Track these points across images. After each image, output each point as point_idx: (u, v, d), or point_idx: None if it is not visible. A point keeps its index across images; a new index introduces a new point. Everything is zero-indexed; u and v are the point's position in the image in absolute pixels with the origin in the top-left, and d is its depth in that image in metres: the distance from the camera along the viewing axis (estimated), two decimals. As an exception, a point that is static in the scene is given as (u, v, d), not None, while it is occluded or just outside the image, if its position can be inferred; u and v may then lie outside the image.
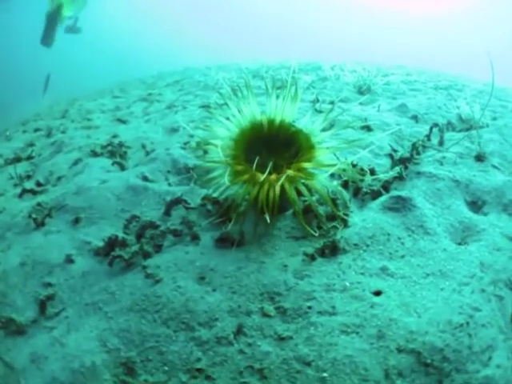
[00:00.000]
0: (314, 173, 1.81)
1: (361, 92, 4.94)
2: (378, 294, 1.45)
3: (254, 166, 1.67)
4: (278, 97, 2.05)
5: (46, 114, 6.77)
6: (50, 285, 1.78)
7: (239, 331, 1.38)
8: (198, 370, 1.29)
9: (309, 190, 1.83)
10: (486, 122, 3.64)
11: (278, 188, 1.68)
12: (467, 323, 1.27)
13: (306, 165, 1.76)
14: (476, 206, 2.19)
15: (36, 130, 5.37)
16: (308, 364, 1.25)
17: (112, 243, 1.90)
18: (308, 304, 1.43)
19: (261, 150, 2.05)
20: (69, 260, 1.90)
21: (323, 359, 1.24)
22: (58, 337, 1.49)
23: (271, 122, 2.03)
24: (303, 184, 1.80)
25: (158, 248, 1.86)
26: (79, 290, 1.72)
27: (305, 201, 1.94)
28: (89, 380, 1.28)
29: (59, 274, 1.84)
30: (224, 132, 2.03)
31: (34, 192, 2.85)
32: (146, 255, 1.81)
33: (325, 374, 1.19)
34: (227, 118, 2.09)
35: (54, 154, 3.89)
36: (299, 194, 1.84)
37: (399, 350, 1.21)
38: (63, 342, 1.46)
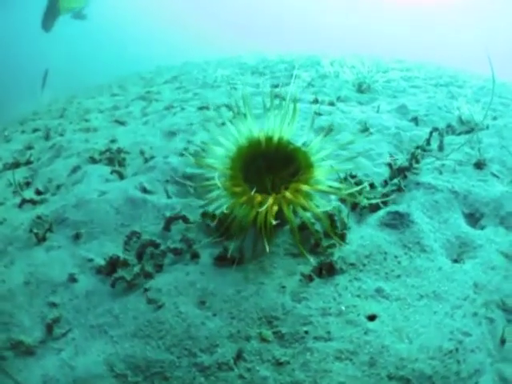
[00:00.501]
0: (312, 194, 1.83)
1: (361, 91, 4.92)
2: (372, 318, 1.48)
3: (253, 191, 1.69)
4: (275, 114, 2.05)
5: (44, 113, 6.76)
6: (54, 305, 1.82)
7: (239, 356, 1.42)
8: (200, 395, 1.34)
9: (305, 209, 1.85)
10: (486, 122, 3.64)
11: (274, 211, 1.70)
12: (457, 349, 1.31)
13: (304, 187, 1.78)
14: (474, 218, 2.22)
15: (34, 131, 5.38)
16: (305, 390, 1.29)
17: (114, 263, 1.93)
18: (305, 329, 1.47)
19: (259, 167, 2.07)
20: (72, 279, 1.94)
21: (319, 386, 1.29)
22: (66, 359, 1.54)
23: (269, 140, 2.04)
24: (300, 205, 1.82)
25: (159, 268, 1.90)
26: (84, 311, 1.76)
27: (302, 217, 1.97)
28: (97, 406, 1.33)
29: (63, 293, 1.88)
30: (221, 150, 2.05)
31: (33, 202, 2.88)
32: (148, 275, 1.85)
33: (320, 403, 1.24)
34: (224, 134, 2.10)
35: (52, 158, 3.91)
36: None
37: (390, 378, 1.26)
38: (72, 364, 1.50)
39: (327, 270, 1.74)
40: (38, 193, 3.08)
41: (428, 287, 1.63)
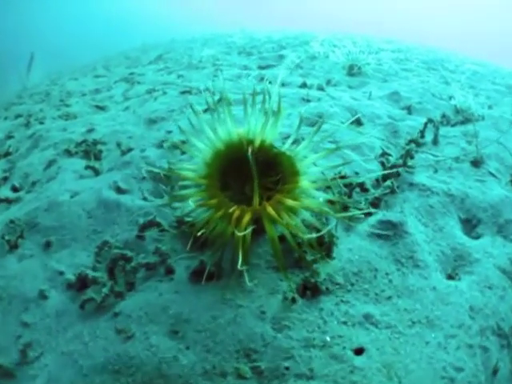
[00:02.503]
0: (296, 207, 1.67)
1: (351, 74, 4.69)
2: (359, 352, 1.36)
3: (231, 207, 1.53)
4: (258, 114, 1.87)
5: (27, 97, 6.45)
6: (26, 325, 1.69)
7: (214, 396, 1.30)
8: None
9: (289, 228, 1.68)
10: (481, 112, 3.47)
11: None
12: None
13: (288, 202, 1.62)
14: (470, 224, 2.09)
15: (17, 117, 5.14)
16: None
17: (83, 279, 1.79)
18: (285, 364, 1.34)
19: (239, 172, 1.90)
20: (43, 296, 1.81)
21: (300, 434, 1.17)
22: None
23: (250, 143, 1.86)
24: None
25: (130, 286, 1.75)
26: (54, 334, 1.64)
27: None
28: None
29: (35, 311, 1.76)
30: (198, 154, 1.87)
31: (8, 201, 2.73)
32: (118, 295, 1.70)
33: None
34: (201, 137, 1.92)
35: (30, 149, 3.72)
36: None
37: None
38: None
39: (312, 291, 1.60)
40: (15, 189, 2.95)
41: (421, 311, 1.51)
